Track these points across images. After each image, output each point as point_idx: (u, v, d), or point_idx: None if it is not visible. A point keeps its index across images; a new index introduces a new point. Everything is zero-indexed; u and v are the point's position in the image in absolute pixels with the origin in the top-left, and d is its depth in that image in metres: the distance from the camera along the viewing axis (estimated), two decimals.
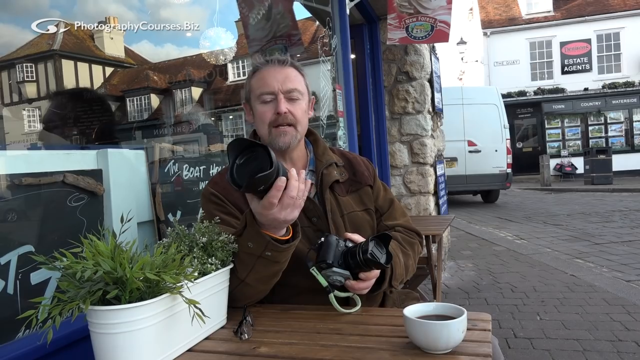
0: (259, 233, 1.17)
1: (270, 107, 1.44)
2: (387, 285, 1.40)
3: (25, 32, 2.13)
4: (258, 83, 1.46)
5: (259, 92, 1.45)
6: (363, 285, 1.30)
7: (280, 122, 1.43)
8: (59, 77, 2.44)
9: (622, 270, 4.94)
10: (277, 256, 1.20)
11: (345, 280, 1.28)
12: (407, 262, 1.51)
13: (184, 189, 2.04)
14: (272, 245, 1.18)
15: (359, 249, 1.25)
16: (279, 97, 1.43)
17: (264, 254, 1.18)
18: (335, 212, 1.48)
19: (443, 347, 0.96)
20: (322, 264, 1.26)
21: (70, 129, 2.21)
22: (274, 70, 1.46)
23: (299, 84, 1.48)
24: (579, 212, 9.74)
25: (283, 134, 1.44)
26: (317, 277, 1.26)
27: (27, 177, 1.23)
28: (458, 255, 6.08)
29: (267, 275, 1.24)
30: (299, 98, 1.47)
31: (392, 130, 5.14)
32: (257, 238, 1.18)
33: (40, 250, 1.03)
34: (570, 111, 20.50)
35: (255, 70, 1.50)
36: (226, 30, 2.63)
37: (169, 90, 3.80)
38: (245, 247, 1.19)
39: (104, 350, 0.91)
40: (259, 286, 1.27)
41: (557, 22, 20.78)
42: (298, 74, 1.49)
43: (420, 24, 4.10)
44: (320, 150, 1.58)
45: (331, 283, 1.27)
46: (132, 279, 0.88)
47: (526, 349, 3.08)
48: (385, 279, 1.38)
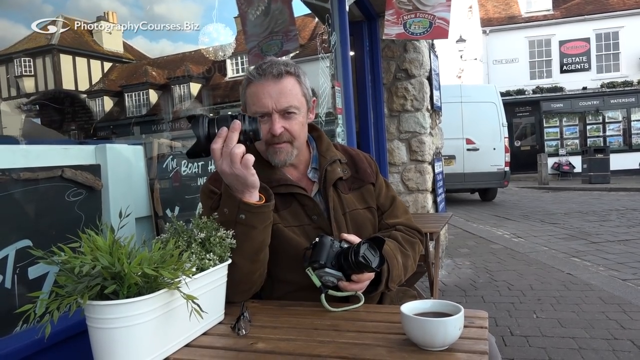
0: (231, 196, 1.25)
1: (265, 126, 1.39)
2: (383, 287, 1.40)
3: (20, 27, 2.12)
4: (252, 99, 1.42)
5: (253, 110, 1.41)
6: (356, 287, 1.31)
7: (275, 141, 1.41)
8: (57, 72, 2.43)
9: (619, 269, 4.96)
10: (251, 219, 1.24)
11: (337, 281, 1.29)
12: (407, 263, 1.51)
13: (182, 185, 2.04)
14: (244, 206, 1.23)
15: (352, 251, 1.25)
16: (273, 117, 1.39)
17: (238, 218, 1.23)
18: (338, 210, 1.48)
19: (440, 344, 0.96)
20: (315, 264, 1.27)
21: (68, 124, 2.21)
22: (267, 86, 1.39)
23: (295, 98, 1.42)
24: (576, 211, 9.76)
25: (279, 151, 1.42)
26: (312, 277, 1.28)
27: (25, 171, 1.23)
28: (455, 253, 6.09)
29: (250, 248, 1.26)
30: (295, 113, 1.42)
31: (390, 128, 5.14)
32: (229, 202, 1.24)
33: (38, 245, 1.03)
34: (568, 110, 20.53)
35: (248, 80, 1.44)
36: (225, 26, 2.63)
37: (167, 86, 3.79)
38: (222, 215, 1.24)
39: (102, 345, 0.91)
40: (246, 264, 1.27)
41: (556, 21, 20.78)
42: (295, 83, 1.43)
43: (419, 20, 4.10)
44: (324, 147, 1.56)
45: (324, 283, 1.28)
46: (130, 274, 0.88)
47: (522, 347, 3.09)
48: (381, 280, 1.39)
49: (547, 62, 21.05)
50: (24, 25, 2.12)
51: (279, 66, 1.42)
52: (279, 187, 1.44)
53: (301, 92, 1.45)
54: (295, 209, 1.45)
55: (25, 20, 2.16)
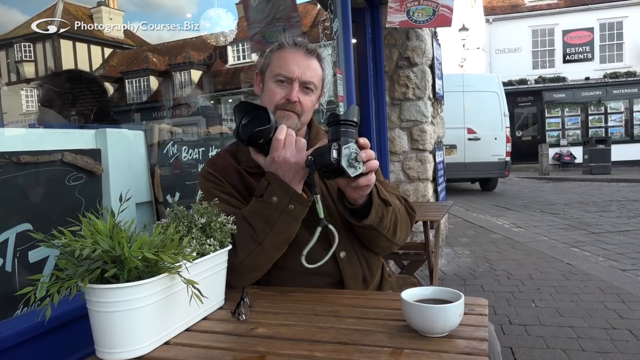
0: (284, 186, 1.26)
1: (282, 90, 1.43)
2: (376, 199, 1.32)
3: (17, 12, 2.10)
4: (279, 62, 1.44)
5: (277, 71, 1.43)
6: (372, 163, 1.22)
7: (287, 107, 1.43)
8: (58, 58, 2.41)
9: (618, 259, 4.97)
10: (299, 210, 1.27)
11: (357, 151, 1.18)
12: (393, 201, 1.45)
13: (183, 171, 2.03)
14: (297, 197, 1.26)
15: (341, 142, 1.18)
16: (294, 84, 1.42)
17: (287, 208, 1.25)
18: (326, 196, 1.47)
19: (440, 331, 0.96)
20: (335, 122, 1.21)
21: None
22: (299, 56, 1.44)
23: (317, 78, 1.47)
24: (577, 201, 9.76)
25: (287, 117, 1.43)
26: (317, 204, 1.26)
27: (26, 155, 1.23)
28: (455, 242, 6.11)
29: (284, 238, 1.30)
30: (312, 90, 1.47)
31: (392, 116, 5.12)
32: (282, 191, 1.26)
33: (38, 229, 1.02)
34: (570, 100, 20.44)
35: (280, 46, 1.47)
36: (227, 11, 2.60)
37: (168, 73, 3.77)
38: (270, 203, 1.26)
39: (102, 329, 0.91)
40: (272, 253, 1.31)
41: (560, 10, 20.62)
42: (319, 67, 1.49)
43: (422, 7, 4.06)
44: (312, 134, 1.57)
45: (349, 159, 1.17)
46: (130, 257, 0.88)
47: (521, 336, 3.10)
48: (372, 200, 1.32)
49: (550, 51, 20.93)
50: (21, 11, 2.10)
51: (311, 46, 1.49)
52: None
53: (322, 76, 1.51)
54: None
55: (25, 6, 2.14)
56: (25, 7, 2.13)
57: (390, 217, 1.41)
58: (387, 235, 1.42)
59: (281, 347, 0.95)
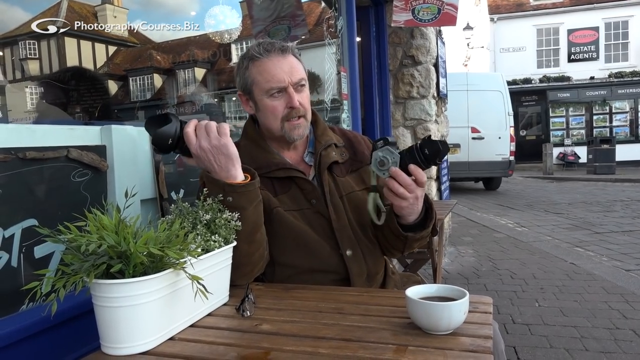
0: (213, 181, 1.22)
1: (281, 101, 1.41)
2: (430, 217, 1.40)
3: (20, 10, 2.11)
4: (263, 76, 1.40)
5: (267, 86, 1.40)
6: (404, 179, 1.26)
7: (292, 115, 1.41)
8: (62, 55, 2.42)
9: (622, 259, 4.95)
10: (239, 200, 1.21)
11: (392, 162, 1.27)
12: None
13: (187, 168, 2.03)
14: (229, 187, 1.20)
15: (416, 146, 1.28)
16: (289, 90, 1.40)
17: (226, 201, 1.20)
18: (334, 194, 1.47)
19: (444, 328, 0.96)
20: (384, 142, 1.28)
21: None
22: (278, 61, 1.40)
23: (303, 72, 1.45)
24: (581, 201, 9.73)
25: (297, 126, 1.43)
26: (372, 173, 1.33)
27: (31, 151, 1.23)
28: (458, 241, 6.10)
29: (243, 230, 1.21)
30: (305, 85, 1.45)
31: (396, 115, 5.12)
32: (213, 187, 1.21)
33: (44, 225, 1.03)
34: (575, 100, 20.37)
35: (253, 59, 1.42)
36: (231, 8, 2.60)
37: (172, 70, 3.77)
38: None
39: (107, 324, 0.91)
40: (243, 246, 1.23)
41: (565, 9, 20.53)
42: (297, 59, 1.45)
43: (427, 6, 4.05)
44: (319, 131, 1.55)
45: (380, 164, 1.28)
46: (135, 253, 0.88)
47: (524, 335, 3.10)
48: (428, 216, 1.40)
49: (555, 51, 20.85)
50: (26, 9, 2.10)
51: (279, 43, 1.44)
52: (278, 171, 1.44)
53: (304, 66, 1.48)
54: (294, 192, 1.45)
55: (30, 4, 2.15)
56: (30, 5, 2.14)
57: (426, 238, 1.46)
58: (412, 247, 1.46)
59: (285, 343, 0.96)
